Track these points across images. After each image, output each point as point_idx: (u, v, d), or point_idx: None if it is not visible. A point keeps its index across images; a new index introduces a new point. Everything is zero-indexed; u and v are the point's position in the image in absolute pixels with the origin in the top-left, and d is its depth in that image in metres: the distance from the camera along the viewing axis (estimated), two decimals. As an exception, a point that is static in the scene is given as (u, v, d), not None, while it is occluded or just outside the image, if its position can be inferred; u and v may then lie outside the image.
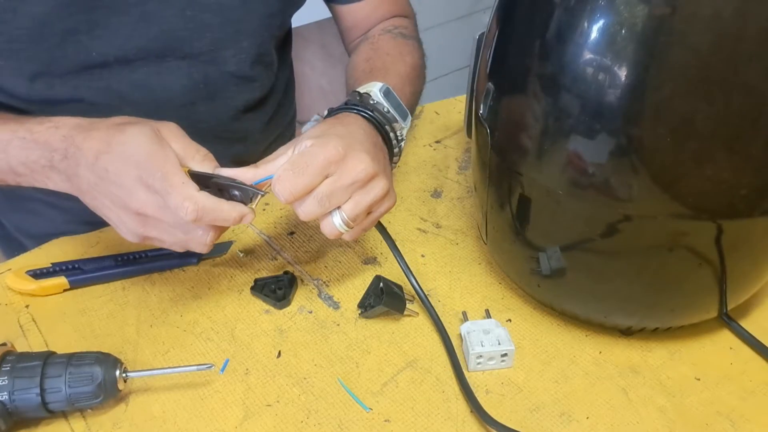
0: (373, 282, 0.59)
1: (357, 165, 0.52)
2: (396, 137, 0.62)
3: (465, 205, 0.72)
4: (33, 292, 0.60)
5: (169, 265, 0.64)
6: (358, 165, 0.52)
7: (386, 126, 0.61)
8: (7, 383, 0.47)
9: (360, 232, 0.56)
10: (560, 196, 0.47)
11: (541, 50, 0.45)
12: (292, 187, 0.50)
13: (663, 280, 0.49)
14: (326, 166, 0.51)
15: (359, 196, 0.53)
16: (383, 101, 0.62)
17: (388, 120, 0.62)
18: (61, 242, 0.67)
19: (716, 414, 0.50)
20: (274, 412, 0.51)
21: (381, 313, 0.57)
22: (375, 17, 0.80)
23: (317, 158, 0.50)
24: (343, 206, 0.52)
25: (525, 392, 0.52)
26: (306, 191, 0.51)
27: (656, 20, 0.40)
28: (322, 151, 0.51)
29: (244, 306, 0.60)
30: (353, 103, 0.61)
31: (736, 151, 0.42)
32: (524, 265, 0.55)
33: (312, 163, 0.50)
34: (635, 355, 0.55)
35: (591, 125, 0.43)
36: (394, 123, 0.62)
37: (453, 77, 1.97)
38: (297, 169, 0.50)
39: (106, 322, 0.58)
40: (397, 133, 0.63)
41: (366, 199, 0.53)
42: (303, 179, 0.50)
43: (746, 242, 0.47)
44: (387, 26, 0.79)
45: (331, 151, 0.51)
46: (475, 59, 0.61)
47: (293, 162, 0.51)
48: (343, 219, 0.52)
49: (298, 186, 0.50)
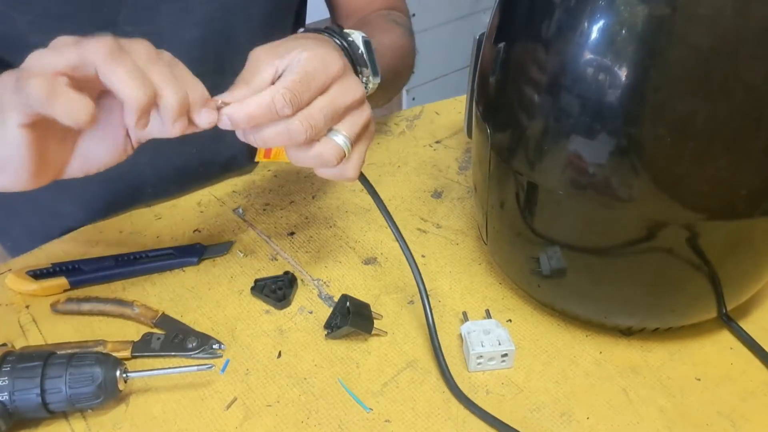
0: (340, 301, 0.57)
1: (355, 84, 0.49)
2: (362, 81, 0.59)
3: (465, 205, 0.72)
4: (33, 292, 0.60)
5: (169, 265, 0.64)
6: (356, 84, 0.49)
7: (357, 65, 0.58)
8: (7, 383, 0.47)
9: (360, 162, 0.52)
10: (560, 196, 0.47)
11: (541, 50, 0.45)
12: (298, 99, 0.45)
13: (663, 280, 0.49)
14: (328, 81, 0.47)
15: (355, 116, 0.50)
16: (360, 45, 0.60)
17: (359, 62, 0.59)
18: (61, 242, 0.67)
19: (716, 414, 0.50)
20: (275, 412, 0.51)
21: (348, 333, 0.56)
22: (370, 8, 0.81)
23: (322, 72, 0.47)
24: (340, 126, 0.49)
25: (525, 392, 0.52)
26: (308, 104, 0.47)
27: (656, 20, 0.40)
28: (325, 65, 0.47)
29: (244, 306, 0.60)
30: (332, 29, 0.59)
31: (736, 151, 0.42)
32: (524, 266, 0.55)
33: (317, 76, 0.47)
34: (635, 356, 0.55)
35: (591, 125, 0.43)
36: (364, 68, 0.60)
37: (453, 77, 1.97)
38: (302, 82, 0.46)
39: (106, 322, 0.58)
40: (364, 78, 0.60)
41: (360, 119, 0.50)
42: (308, 92, 0.46)
43: (746, 242, 0.47)
44: (381, 12, 0.80)
45: (335, 66, 0.48)
46: (475, 59, 0.61)
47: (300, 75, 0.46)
48: (345, 136, 0.49)
49: (304, 98, 0.46)
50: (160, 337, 0.56)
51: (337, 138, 0.48)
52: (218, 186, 0.76)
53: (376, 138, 0.84)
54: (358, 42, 0.60)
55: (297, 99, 0.45)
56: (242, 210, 0.72)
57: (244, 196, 0.74)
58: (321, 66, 0.47)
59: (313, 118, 0.46)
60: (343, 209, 0.72)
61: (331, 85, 0.48)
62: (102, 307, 0.59)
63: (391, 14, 0.80)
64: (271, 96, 0.45)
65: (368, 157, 0.79)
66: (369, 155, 0.80)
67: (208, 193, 0.75)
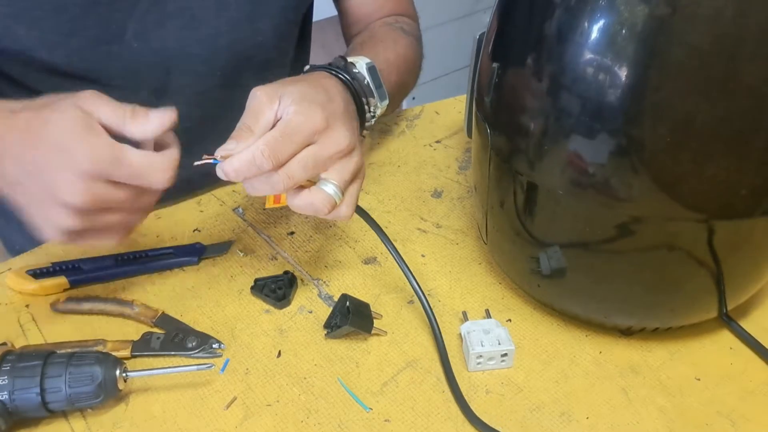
0: (340, 301, 0.58)
1: (340, 136, 0.51)
2: (369, 111, 0.62)
3: (465, 205, 0.72)
4: (33, 291, 0.60)
5: (169, 265, 0.64)
6: (341, 136, 0.51)
7: (363, 97, 0.61)
8: (7, 383, 0.47)
9: (353, 204, 0.54)
10: (560, 196, 0.47)
11: (541, 50, 0.45)
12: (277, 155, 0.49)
13: (663, 280, 0.49)
14: (310, 136, 0.50)
15: (342, 164, 0.52)
16: (365, 74, 0.63)
17: (365, 92, 0.62)
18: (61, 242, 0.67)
19: (716, 414, 0.50)
20: (274, 411, 0.51)
21: (347, 333, 0.56)
22: (379, 14, 0.81)
23: (302, 128, 0.50)
24: (328, 174, 0.51)
25: (525, 392, 0.52)
26: (289, 158, 0.50)
27: (656, 20, 0.40)
28: (306, 121, 0.50)
29: (244, 306, 0.60)
30: (336, 65, 0.62)
31: (736, 151, 0.42)
32: (524, 265, 0.55)
33: (297, 132, 0.49)
34: (635, 355, 0.55)
35: (591, 125, 0.43)
36: (371, 98, 0.62)
37: (453, 77, 1.97)
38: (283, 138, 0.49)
39: (106, 321, 0.58)
40: (371, 107, 0.63)
41: (349, 166, 0.52)
42: (288, 147, 0.49)
43: (746, 242, 0.47)
44: (389, 20, 0.80)
45: (316, 122, 0.50)
46: (475, 59, 0.61)
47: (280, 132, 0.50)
48: (334, 185, 0.51)
49: (283, 154, 0.49)
50: (159, 337, 0.56)
51: (326, 187, 0.51)
52: (218, 186, 0.76)
53: (376, 138, 0.84)
54: (363, 72, 0.63)
55: (277, 155, 0.49)
56: (242, 209, 0.72)
57: (244, 196, 0.74)
58: (303, 120, 0.50)
59: (290, 169, 0.50)
60: (343, 209, 0.72)
61: (314, 138, 0.50)
62: (102, 307, 0.59)
63: (398, 21, 0.80)
64: (252, 153, 0.48)
65: (368, 157, 0.80)
66: (369, 155, 0.80)
67: (208, 193, 0.75)
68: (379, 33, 0.77)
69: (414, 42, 0.79)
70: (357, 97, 0.61)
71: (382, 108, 0.65)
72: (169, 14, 0.67)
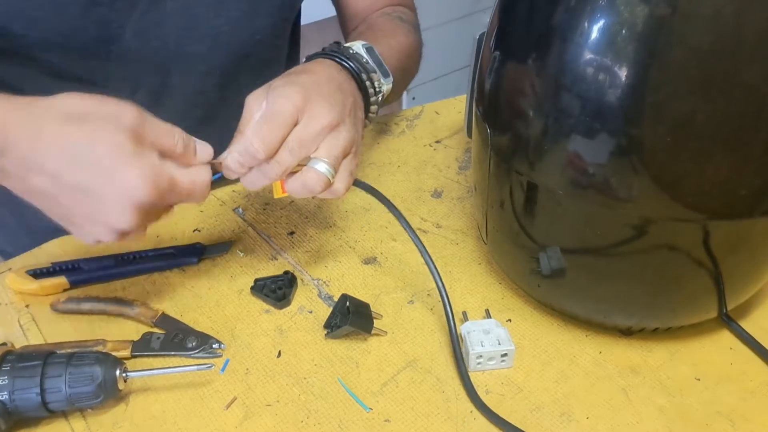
0: (340, 301, 0.58)
1: (321, 111, 0.51)
2: (373, 87, 0.61)
3: (465, 205, 0.72)
4: (33, 291, 0.60)
5: (168, 265, 0.64)
6: (323, 110, 0.51)
7: (362, 74, 0.60)
8: (7, 383, 0.47)
9: (349, 179, 0.54)
10: (560, 196, 0.47)
11: (541, 50, 0.45)
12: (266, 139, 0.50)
13: (663, 280, 0.49)
14: (293, 114, 0.51)
15: (330, 140, 0.52)
16: (364, 53, 0.62)
17: (366, 69, 0.61)
18: (61, 242, 0.67)
19: (716, 414, 0.50)
20: (274, 411, 0.51)
21: (347, 333, 0.56)
22: (376, 6, 0.81)
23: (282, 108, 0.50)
24: (318, 153, 0.52)
25: (525, 392, 0.52)
26: (278, 145, 0.50)
27: (656, 20, 0.40)
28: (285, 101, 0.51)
29: (244, 306, 0.60)
30: (330, 49, 0.61)
31: (736, 151, 0.42)
32: (524, 265, 0.55)
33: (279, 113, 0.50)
34: (635, 355, 0.55)
35: (591, 125, 0.43)
36: (372, 73, 0.61)
37: (453, 77, 1.97)
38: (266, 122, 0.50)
39: (106, 321, 0.58)
40: (375, 83, 0.61)
41: (338, 141, 0.52)
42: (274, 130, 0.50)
43: (746, 242, 0.47)
44: (386, 11, 0.80)
45: (295, 99, 0.51)
46: (475, 59, 0.61)
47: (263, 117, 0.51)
48: (326, 162, 0.51)
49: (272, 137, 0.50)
50: (159, 337, 0.56)
51: (317, 166, 0.51)
52: (218, 186, 0.76)
53: (376, 138, 0.84)
54: (360, 52, 0.62)
55: (265, 140, 0.50)
56: (242, 209, 0.72)
57: (244, 196, 0.74)
58: (282, 102, 0.51)
59: (279, 155, 0.50)
60: (342, 209, 0.72)
61: (298, 116, 0.51)
62: (102, 307, 0.59)
63: (395, 11, 0.80)
64: (244, 145, 0.50)
65: (368, 157, 0.80)
66: (369, 155, 0.80)
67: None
68: (377, 23, 0.77)
69: (412, 29, 0.79)
70: (357, 75, 0.60)
71: (388, 86, 0.64)
72: (168, 14, 0.67)
